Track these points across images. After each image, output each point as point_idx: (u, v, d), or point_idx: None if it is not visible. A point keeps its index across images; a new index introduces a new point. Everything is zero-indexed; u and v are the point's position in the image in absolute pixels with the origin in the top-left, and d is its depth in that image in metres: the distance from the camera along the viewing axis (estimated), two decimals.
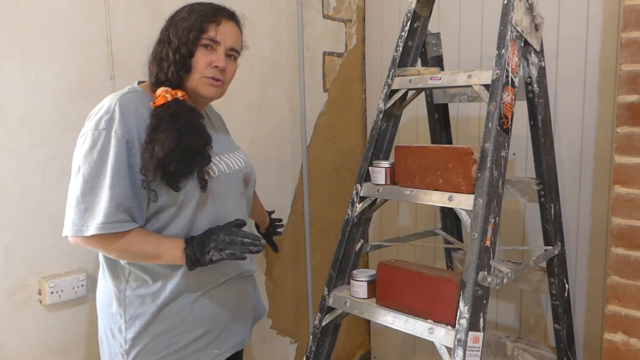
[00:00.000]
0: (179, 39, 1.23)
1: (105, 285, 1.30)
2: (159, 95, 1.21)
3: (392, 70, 1.55)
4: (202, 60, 1.24)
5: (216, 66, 1.25)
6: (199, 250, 1.21)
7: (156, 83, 1.25)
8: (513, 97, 1.33)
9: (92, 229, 1.14)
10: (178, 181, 1.19)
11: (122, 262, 1.25)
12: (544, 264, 1.67)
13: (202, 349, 1.31)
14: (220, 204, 1.31)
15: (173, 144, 1.16)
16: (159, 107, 1.20)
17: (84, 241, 1.18)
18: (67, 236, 1.19)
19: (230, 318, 1.37)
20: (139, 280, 1.25)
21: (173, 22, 1.26)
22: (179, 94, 1.23)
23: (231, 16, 1.30)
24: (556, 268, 1.64)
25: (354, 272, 1.48)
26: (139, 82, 1.30)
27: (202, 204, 1.26)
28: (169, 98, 1.21)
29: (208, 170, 1.25)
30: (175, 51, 1.22)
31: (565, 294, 1.67)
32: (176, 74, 1.23)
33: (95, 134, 1.15)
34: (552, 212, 1.61)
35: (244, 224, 1.30)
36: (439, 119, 1.92)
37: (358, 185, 1.53)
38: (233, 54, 1.30)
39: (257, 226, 1.84)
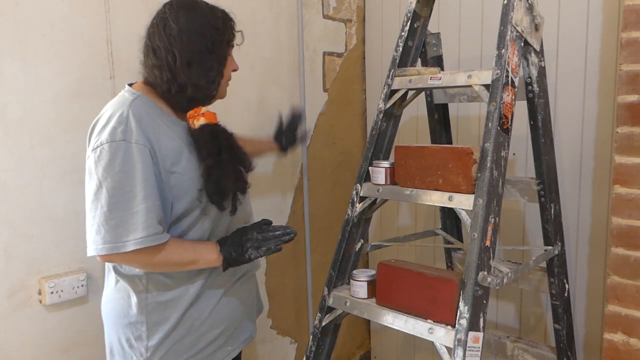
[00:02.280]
0: (220, 49, 1.22)
1: (119, 295, 1.26)
2: (202, 114, 1.26)
3: (392, 70, 1.55)
4: (231, 67, 1.27)
5: (234, 70, 1.29)
6: (235, 250, 1.23)
7: (204, 98, 1.24)
8: (513, 97, 1.33)
9: (131, 244, 1.10)
10: (224, 201, 1.23)
11: (137, 271, 1.22)
12: (544, 264, 1.67)
13: (219, 347, 1.32)
14: None
15: (237, 172, 1.23)
16: (208, 128, 1.24)
17: (120, 258, 1.14)
18: (96, 255, 1.14)
19: (243, 315, 1.39)
20: (160, 286, 1.24)
21: (207, 27, 1.20)
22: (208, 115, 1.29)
23: None
24: (556, 268, 1.64)
25: (354, 272, 1.48)
26: (130, 84, 1.25)
27: None
28: (205, 120, 1.26)
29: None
30: (221, 61, 1.23)
31: (565, 294, 1.67)
32: (218, 84, 1.25)
33: (113, 145, 1.10)
34: (552, 212, 1.61)
35: (270, 222, 1.32)
36: (439, 119, 1.91)
37: (358, 185, 1.53)
38: None
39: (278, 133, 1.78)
